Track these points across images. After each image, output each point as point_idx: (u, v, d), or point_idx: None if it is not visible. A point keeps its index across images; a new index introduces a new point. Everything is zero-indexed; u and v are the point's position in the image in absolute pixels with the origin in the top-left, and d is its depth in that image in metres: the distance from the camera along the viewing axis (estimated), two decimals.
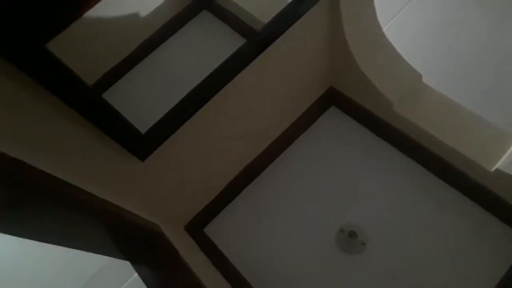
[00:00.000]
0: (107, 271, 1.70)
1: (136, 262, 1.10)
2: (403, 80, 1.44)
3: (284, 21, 1.15)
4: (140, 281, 1.07)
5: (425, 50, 1.95)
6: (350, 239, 1.48)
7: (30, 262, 1.79)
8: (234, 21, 1.19)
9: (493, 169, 1.26)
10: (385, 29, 1.99)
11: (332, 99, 1.74)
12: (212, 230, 1.62)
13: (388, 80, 1.43)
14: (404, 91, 1.43)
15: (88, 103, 0.80)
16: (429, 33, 2.03)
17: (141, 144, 1.00)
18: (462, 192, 1.47)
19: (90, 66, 0.87)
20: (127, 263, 1.10)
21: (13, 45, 0.63)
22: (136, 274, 1.09)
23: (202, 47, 1.17)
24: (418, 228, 1.46)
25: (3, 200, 0.64)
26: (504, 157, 1.26)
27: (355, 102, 1.64)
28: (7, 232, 0.69)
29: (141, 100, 1.02)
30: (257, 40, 1.14)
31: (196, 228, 1.59)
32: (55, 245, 0.81)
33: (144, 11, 1.00)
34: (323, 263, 1.49)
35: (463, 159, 1.33)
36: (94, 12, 0.78)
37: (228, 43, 1.14)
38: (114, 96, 0.90)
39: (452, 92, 1.41)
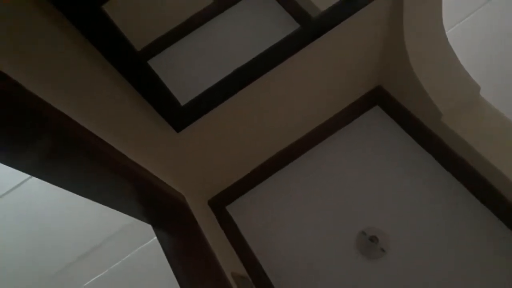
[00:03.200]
0: (129, 230, 1.78)
1: (157, 226, 1.14)
2: (458, 90, 1.35)
3: (341, 11, 1.10)
4: (158, 244, 1.11)
5: (489, 62, 1.81)
6: (370, 243, 1.45)
7: (57, 211, 1.91)
8: (290, 4, 1.15)
9: None
10: (448, 32, 1.87)
11: (378, 99, 1.67)
12: (234, 209, 1.64)
13: (441, 88, 1.35)
14: (457, 102, 1.35)
15: (133, 67, 0.81)
16: (497, 44, 1.88)
17: (178, 115, 1.01)
18: (500, 218, 1.38)
19: (141, 31, 0.88)
20: (149, 225, 1.14)
21: (72, 3, 0.65)
22: (155, 238, 1.13)
23: (254, 27, 1.15)
24: (444, 247, 1.40)
25: (44, 148, 0.67)
26: None
27: (401, 105, 1.56)
28: (43, 178, 0.73)
29: (186, 71, 1.03)
30: (311, 28, 1.11)
31: (219, 204, 1.62)
32: (83, 198, 0.85)
33: None
34: (338, 262, 1.47)
35: (508, 185, 1.24)
36: None
37: (281, 27, 1.12)
38: (160, 64, 0.90)
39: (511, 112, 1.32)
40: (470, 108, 1.35)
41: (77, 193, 0.83)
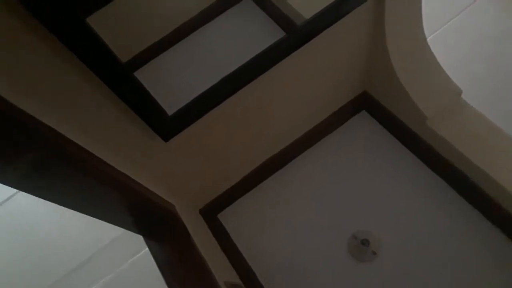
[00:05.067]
0: (120, 242, 1.77)
1: (148, 237, 1.14)
2: (440, 94, 1.38)
3: (326, 19, 1.12)
4: (150, 255, 1.10)
5: (471, 66, 1.85)
6: (361, 247, 1.46)
7: (46, 224, 1.89)
8: (276, 13, 1.17)
9: None
10: (430, 38, 1.91)
11: (364, 104, 1.70)
12: (225, 217, 1.64)
13: (424, 92, 1.38)
14: (441, 105, 1.38)
15: (119, 79, 0.82)
16: (479, 49, 1.92)
17: (166, 125, 1.02)
18: (487, 217, 1.41)
19: (126, 43, 0.89)
20: (140, 236, 1.14)
21: (55, 17, 0.66)
22: (147, 248, 1.12)
23: (240, 36, 1.16)
24: (436, 249, 1.42)
25: (30, 161, 0.67)
26: None
27: (387, 110, 1.59)
28: (31, 192, 0.73)
29: (172, 82, 1.03)
30: (297, 35, 1.12)
31: (211, 213, 1.62)
32: (72, 211, 0.84)
33: None
34: (330, 266, 1.48)
35: (494, 184, 1.27)
36: None
37: (267, 35, 1.13)
38: (146, 75, 0.91)
39: (493, 115, 1.34)
40: (453, 111, 1.37)
41: (65, 206, 0.83)
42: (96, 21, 0.71)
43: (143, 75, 0.89)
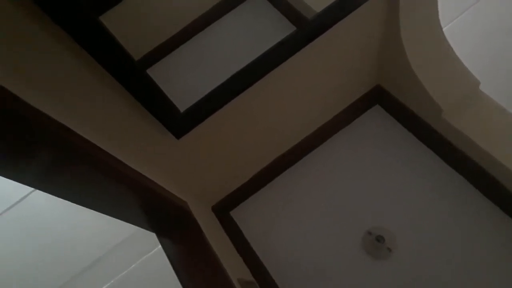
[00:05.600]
0: (133, 240, 1.78)
1: (161, 234, 1.14)
2: (457, 86, 1.35)
3: (337, 12, 1.10)
4: (163, 253, 1.10)
5: (488, 57, 1.80)
6: (376, 243, 1.44)
7: (60, 224, 1.91)
8: (286, 7, 1.16)
9: None
10: (446, 28, 1.86)
11: (378, 98, 1.67)
12: (238, 214, 1.63)
13: (440, 84, 1.34)
14: (457, 97, 1.34)
15: (132, 77, 0.81)
16: (495, 39, 1.87)
17: (178, 122, 1.01)
18: (508, 214, 1.37)
19: (138, 42, 0.88)
20: (153, 234, 1.14)
21: (68, 15, 0.65)
22: (160, 246, 1.13)
23: (251, 31, 1.15)
24: (451, 244, 1.39)
25: (46, 161, 0.67)
26: None
27: (401, 103, 1.56)
28: (45, 190, 0.73)
29: (184, 79, 1.03)
30: (308, 29, 1.11)
31: (223, 210, 1.62)
32: (85, 210, 0.84)
33: None
34: (345, 263, 1.46)
35: None
36: None
37: (278, 30, 1.12)
38: (158, 73, 0.91)
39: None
40: (471, 103, 1.34)
41: (80, 204, 0.83)
42: (109, 20, 0.71)
43: (155, 73, 0.89)
